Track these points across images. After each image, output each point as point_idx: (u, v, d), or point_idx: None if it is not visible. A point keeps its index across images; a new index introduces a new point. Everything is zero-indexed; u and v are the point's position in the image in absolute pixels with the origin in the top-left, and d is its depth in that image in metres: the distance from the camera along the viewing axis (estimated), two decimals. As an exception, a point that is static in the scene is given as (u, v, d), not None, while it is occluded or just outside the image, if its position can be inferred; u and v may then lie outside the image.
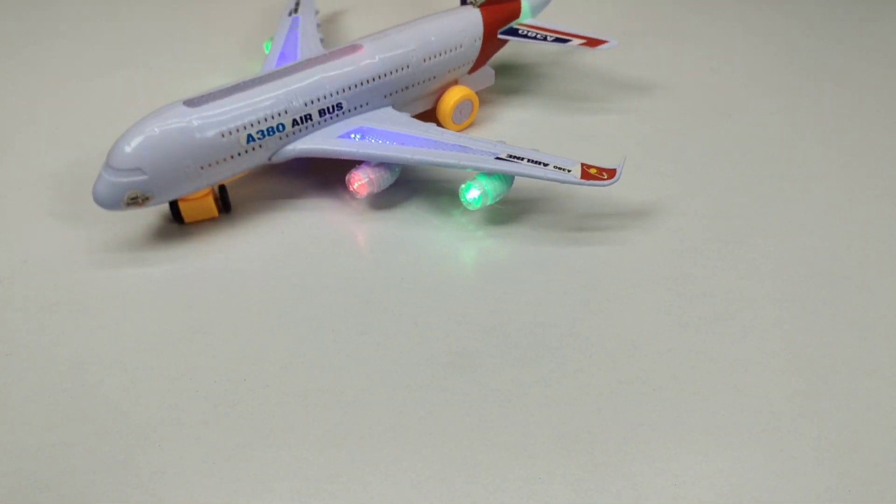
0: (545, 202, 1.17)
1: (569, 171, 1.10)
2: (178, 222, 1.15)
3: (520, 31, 1.41)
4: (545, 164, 1.12)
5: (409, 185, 1.22)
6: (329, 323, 1.01)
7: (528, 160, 1.12)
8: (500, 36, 1.38)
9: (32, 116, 1.41)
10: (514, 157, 1.12)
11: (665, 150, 1.34)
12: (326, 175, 1.24)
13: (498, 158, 1.12)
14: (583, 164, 1.13)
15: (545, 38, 1.40)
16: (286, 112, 1.12)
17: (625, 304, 1.04)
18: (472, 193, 1.13)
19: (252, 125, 1.09)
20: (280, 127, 1.12)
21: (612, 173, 1.11)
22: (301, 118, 1.14)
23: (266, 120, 1.10)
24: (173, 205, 1.12)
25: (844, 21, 1.79)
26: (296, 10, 1.48)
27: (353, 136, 1.16)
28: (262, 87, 1.12)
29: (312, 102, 1.14)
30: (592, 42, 1.38)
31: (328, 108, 1.16)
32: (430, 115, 1.33)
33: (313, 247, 1.12)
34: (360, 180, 1.15)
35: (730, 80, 1.55)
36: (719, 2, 1.86)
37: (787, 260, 1.12)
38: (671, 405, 0.91)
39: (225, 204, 1.16)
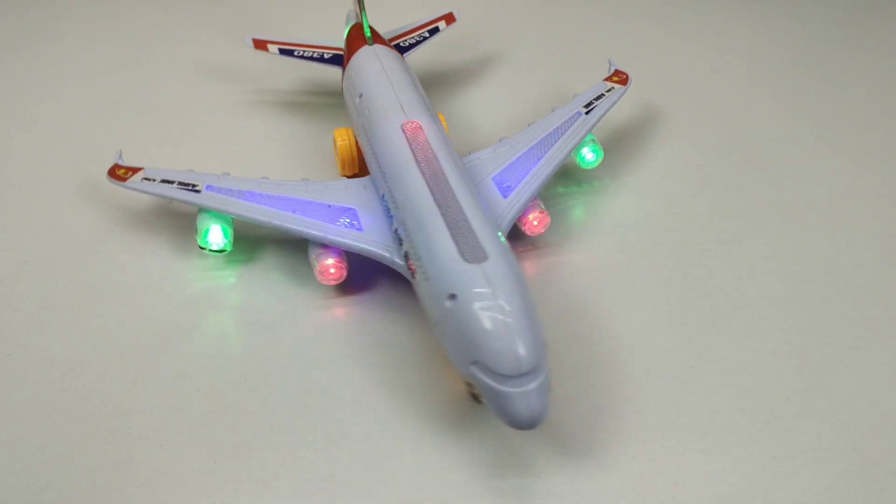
0: (543, 199, 1.17)
1: (612, 89, 1.24)
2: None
3: (401, 44, 1.39)
4: (602, 96, 1.22)
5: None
6: (330, 323, 1.01)
7: (593, 100, 1.21)
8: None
9: (33, 116, 1.41)
10: (587, 106, 1.20)
11: (665, 151, 1.34)
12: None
13: (585, 115, 1.19)
14: (607, 80, 1.27)
15: (423, 39, 1.41)
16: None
17: (625, 304, 1.04)
18: (588, 151, 1.22)
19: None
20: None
21: (622, 73, 1.28)
22: None
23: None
24: None
25: (844, 21, 1.79)
26: None
27: (506, 185, 1.07)
28: (471, 204, 0.93)
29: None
30: (448, 19, 1.45)
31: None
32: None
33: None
34: (540, 214, 1.09)
35: (730, 80, 1.55)
36: (719, 2, 1.86)
37: (787, 260, 1.12)
38: (671, 405, 0.91)
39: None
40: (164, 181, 1.07)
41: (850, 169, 1.30)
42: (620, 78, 1.28)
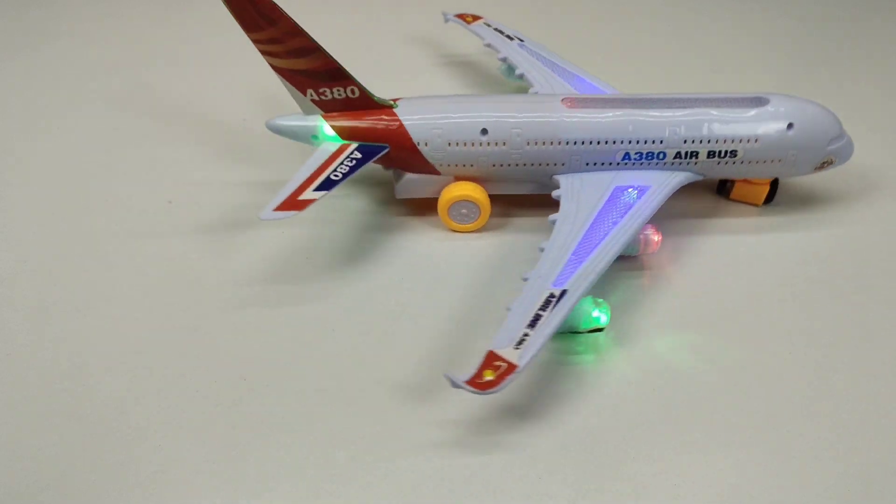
0: (548, 202, 1.17)
1: (488, 22, 1.42)
2: (723, 195, 1.21)
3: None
4: (497, 29, 1.43)
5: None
6: (329, 323, 1.01)
7: (501, 35, 1.40)
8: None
9: (33, 116, 1.41)
10: (509, 38, 1.36)
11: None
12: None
13: (522, 41, 1.38)
14: (472, 23, 1.46)
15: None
16: None
17: (623, 305, 1.04)
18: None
19: None
20: None
21: (467, 14, 1.47)
22: None
23: None
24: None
25: (845, 21, 1.79)
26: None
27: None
28: (680, 94, 1.13)
29: None
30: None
31: None
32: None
33: (313, 245, 1.12)
34: None
35: (729, 80, 1.55)
36: (719, 1, 1.86)
37: (787, 260, 1.12)
38: (671, 405, 0.91)
39: (771, 195, 1.19)
40: (530, 333, 0.86)
41: (849, 168, 1.30)
42: (474, 16, 1.45)
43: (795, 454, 0.86)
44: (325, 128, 1.11)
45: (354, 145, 1.10)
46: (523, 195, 1.17)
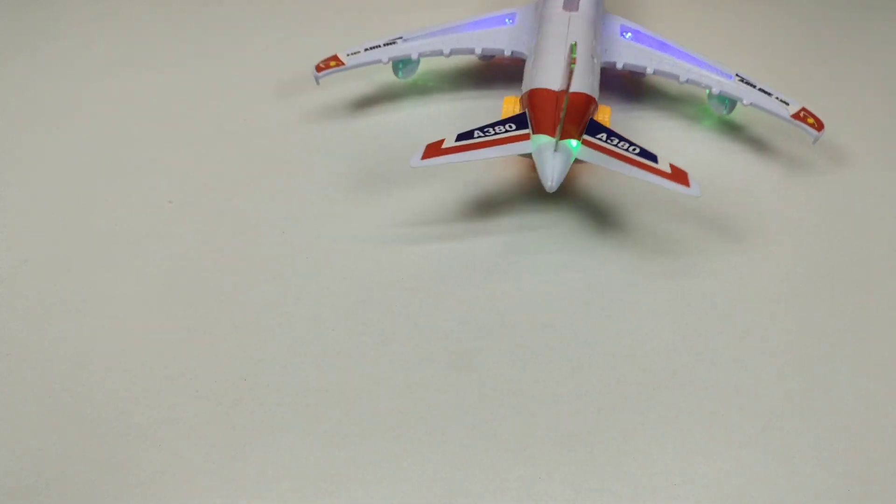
0: (542, 200, 1.17)
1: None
2: None
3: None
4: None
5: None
6: (329, 323, 1.01)
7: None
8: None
9: (33, 116, 1.41)
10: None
11: (666, 149, 1.33)
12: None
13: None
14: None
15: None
16: None
17: (624, 304, 1.04)
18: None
19: None
20: None
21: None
22: None
23: None
24: None
25: (845, 20, 1.79)
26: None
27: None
28: None
29: None
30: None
31: None
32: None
33: (313, 246, 1.12)
34: None
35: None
36: (720, 1, 1.86)
37: (787, 259, 1.12)
38: (671, 405, 0.91)
39: None
40: (775, 94, 1.25)
41: (849, 168, 1.30)
42: (333, 58, 1.30)
43: (795, 454, 0.86)
44: (569, 144, 1.07)
45: (585, 136, 1.09)
46: None
